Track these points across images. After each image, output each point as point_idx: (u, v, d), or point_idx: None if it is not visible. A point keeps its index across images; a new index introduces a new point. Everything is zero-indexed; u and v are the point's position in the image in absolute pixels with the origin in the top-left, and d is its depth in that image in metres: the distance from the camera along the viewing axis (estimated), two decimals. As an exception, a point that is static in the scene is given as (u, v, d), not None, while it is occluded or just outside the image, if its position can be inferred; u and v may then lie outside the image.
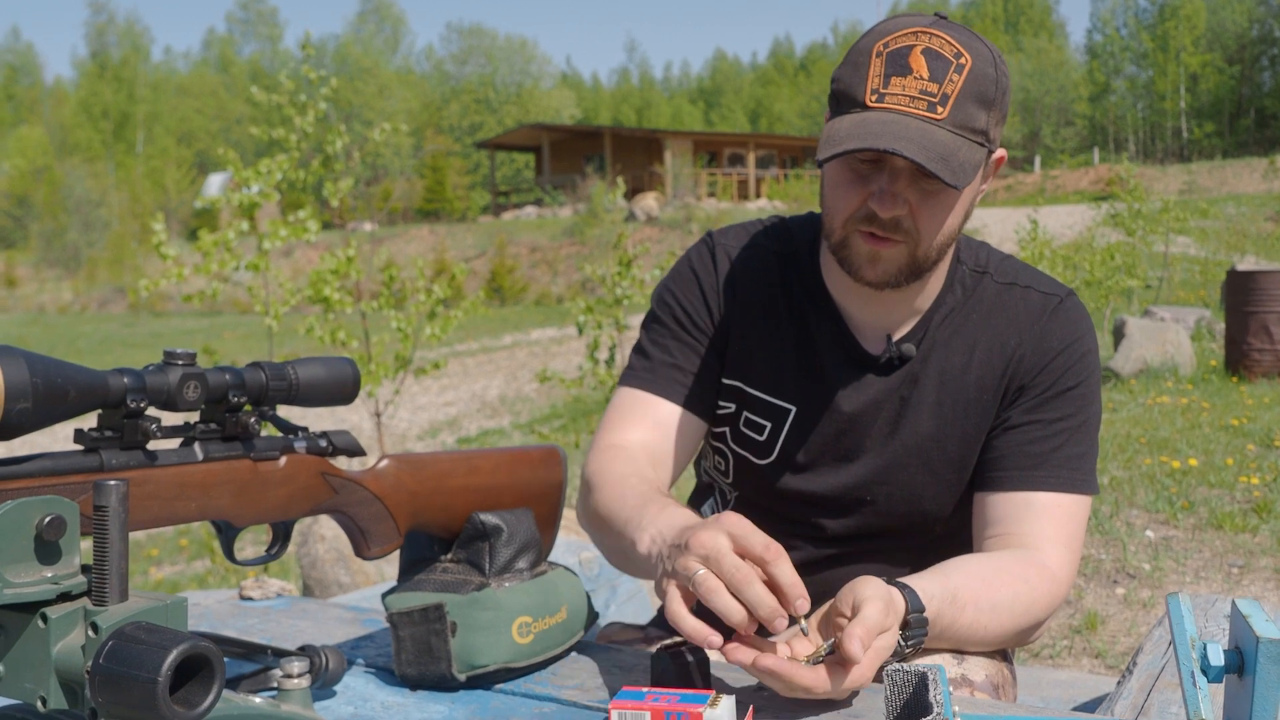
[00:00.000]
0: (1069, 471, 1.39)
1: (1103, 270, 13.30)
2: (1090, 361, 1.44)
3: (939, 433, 1.45)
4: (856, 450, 1.48)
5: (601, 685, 1.20)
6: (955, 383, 1.44)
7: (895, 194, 1.30)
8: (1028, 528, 1.36)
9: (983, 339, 1.45)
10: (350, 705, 1.18)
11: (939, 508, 1.48)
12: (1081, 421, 1.42)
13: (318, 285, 4.33)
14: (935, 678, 0.92)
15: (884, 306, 1.45)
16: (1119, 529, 4.89)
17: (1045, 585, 1.32)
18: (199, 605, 1.60)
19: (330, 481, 1.10)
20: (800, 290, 1.51)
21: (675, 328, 1.55)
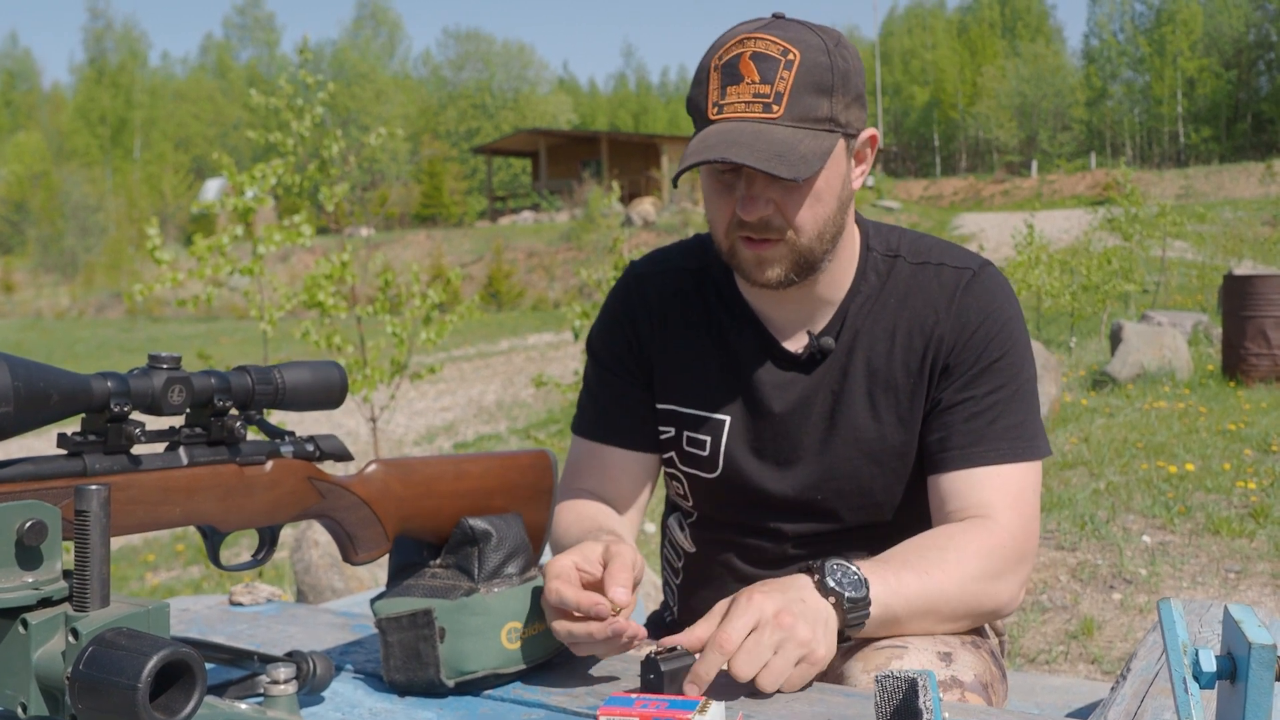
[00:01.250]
0: (1009, 442, 1.40)
1: (1099, 274, 13.30)
2: (1012, 329, 1.44)
3: (875, 423, 1.46)
4: (796, 450, 1.49)
5: (591, 691, 1.19)
6: (882, 371, 1.46)
7: (754, 197, 1.34)
8: (974, 501, 1.38)
9: (901, 323, 1.46)
10: (338, 711, 1.17)
11: (891, 497, 1.49)
12: (1014, 390, 1.42)
13: (312, 290, 4.31)
14: (925, 683, 0.91)
15: (796, 303, 1.47)
16: (1115, 534, 4.88)
17: (982, 537, 1.33)
18: (189, 611, 1.59)
19: (317, 486, 1.09)
20: (717, 302, 1.54)
21: (604, 371, 1.60)
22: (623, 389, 1.58)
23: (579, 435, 1.62)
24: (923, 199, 45.60)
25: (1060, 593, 4.25)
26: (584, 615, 1.14)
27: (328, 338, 4.56)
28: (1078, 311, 13.31)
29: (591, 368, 1.63)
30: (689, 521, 1.66)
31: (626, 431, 1.58)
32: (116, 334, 29.76)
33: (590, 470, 1.58)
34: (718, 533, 1.60)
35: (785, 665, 1.11)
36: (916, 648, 1.26)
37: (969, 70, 70.49)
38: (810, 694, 1.15)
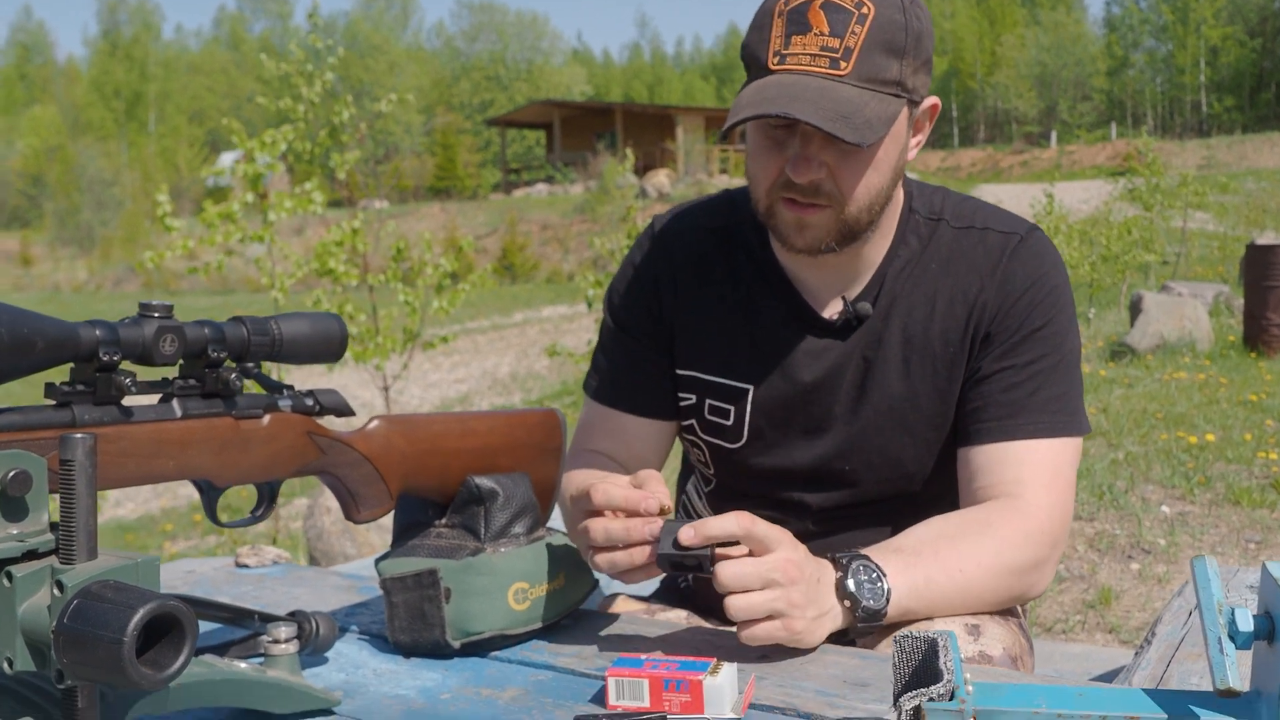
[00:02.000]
0: (1048, 415, 1.34)
1: (1119, 245, 13.17)
2: (1058, 297, 1.38)
3: (910, 391, 1.40)
4: (825, 420, 1.44)
5: (600, 653, 1.17)
6: (920, 338, 1.39)
7: (808, 158, 1.26)
8: (1006, 477, 1.32)
9: (943, 289, 1.39)
10: (342, 672, 1.14)
11: (921, 468, 1.43)
12: (1057, 361, 1.36)
13: (323, 258, 4.28)
14: (946, 644, 0.88)
15: (833, 268, 1.41)
16: (1134, 504, 4.84)
17: (1017, 522, 1.27)
18: (194, 573, 1.57)
19: (317, 442, 1.06)
20: (746, 263, 1.47)
21: (621, 333, 1.54)
22: (640, 353, 1.52)
23: (592, 398, 1.56)
24: (940, 170, 45.26)
25: (1078, 563, 4.21)
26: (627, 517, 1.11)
27: (340, 306, 4.54)
28: (1096, 282, 13.19)
29: (608, 328, 1.56)
30: (707, 489, 1.61)
31: (643, 398, 1.53)
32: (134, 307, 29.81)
33: (602, 434, 1.54)
34: (737, 502, 1.55)
35: (762, 605, 1.07)
36: (943, 621, 1.22)
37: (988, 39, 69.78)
38: (825, 656, 1.12)
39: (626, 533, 1.09)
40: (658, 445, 1.54)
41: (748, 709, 1.00)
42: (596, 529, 1.11)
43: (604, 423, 1.53)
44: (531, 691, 1.07)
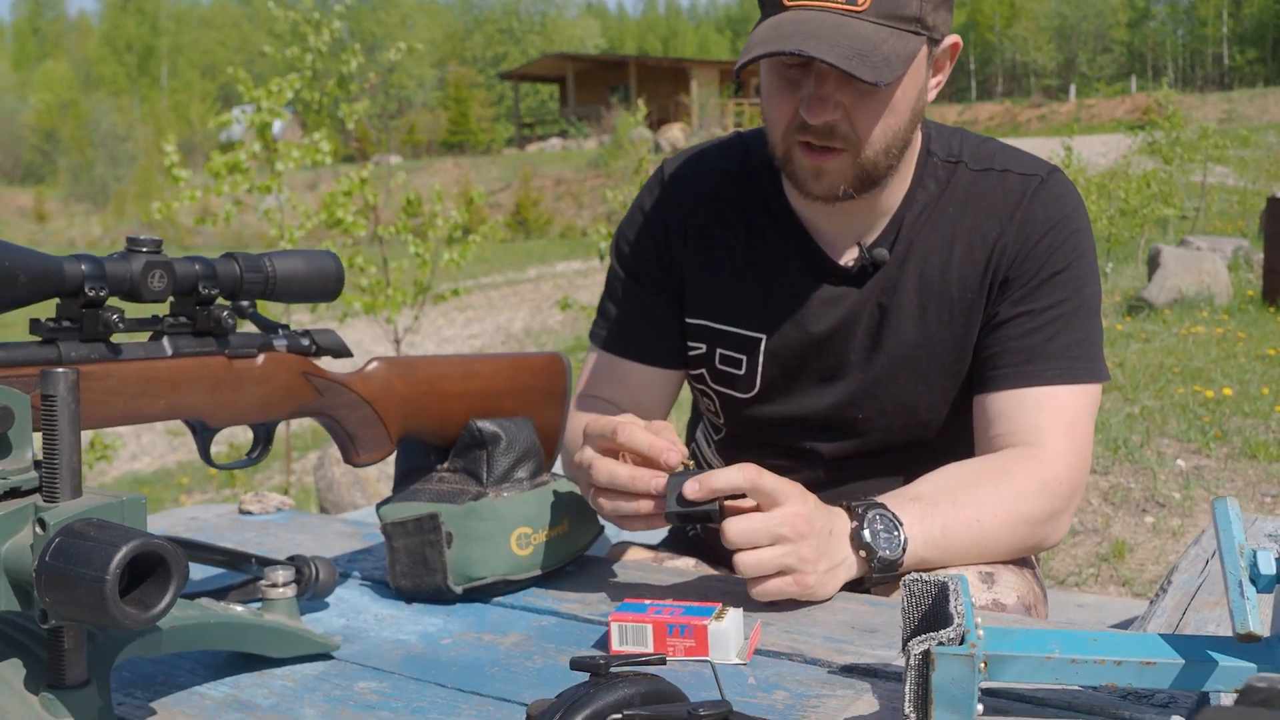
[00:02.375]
0: (1066, 361, 1.30)
1: (1138, 199, 13.01)
2: (1078, 241, 1.34)
3: (925, 338, 1.37)
4: (839, 369, 1.40)
5: (604, 599, 1.15)
6: (936, 284, 1.36)
7: (823, 98, 1.22)
8: (1024, 424, 1.28)
9: (961, 233, 1.35)
10: (343, 617, 1.13)
11: (935, 416, 1.40)
12: (1077, 306, 1.32)
13: (331, 208, 4.24)
14: (956, 588, 0.85)
15: (849, 214, 1.36)
16: (1149, 458, 4.80)
17: (1035, 471, 1.24)
18: (197, 519, 1.55)
19: (313, 382, 1.03)
20: (759, 209, 1.43)
21: (630, 279, 1.50)
22: (648, 301, 1.48)
23: (597, 346, 1.52)
24: (957, 124, 44.71)
25: (1092, 516, 4.18)
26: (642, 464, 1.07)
27: (350, 259, 4.51)
28: (1114, 236, 13.05)
29: (616, 275, 1.52)
30: (717, 438, 1.59)
31: (650, 347, 1.49)
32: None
33: (608, 383, 1.50)
34: (748, 452, 1.52)
35: (772, 561, 1.04)
36: (956, 568, 1.20)
37: (1006, -9, 68.78)
38: (834, 603, 1.10)
39: (631, 481, 1.06)
40: (664, 395, 1.51)
41: (753, 655, 0.98)
42: (601, 469, 1.08)
43: (610, 371, 1.50)
44: (534, 637, 1.05)
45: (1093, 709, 0.83)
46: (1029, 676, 0.81)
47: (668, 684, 0.67)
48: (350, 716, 0.88)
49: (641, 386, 1.49)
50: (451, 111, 55.89)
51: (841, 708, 0.86)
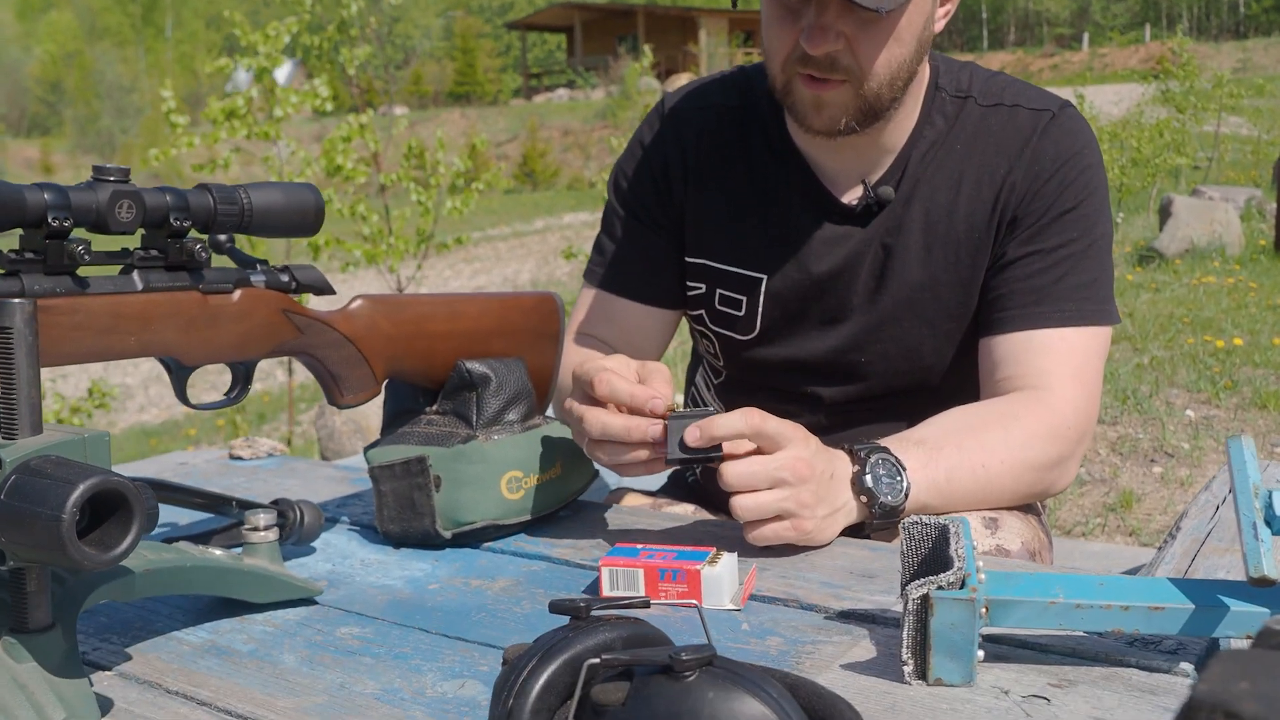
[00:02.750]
0: (1075, 303, 1.25)
1: (1150, 148, 12.86)
2: (1091, 178, 1.29)
3: (930, 280, 1.32)
4: (841, 311, 1.37)
5: (599, 544, 1.12)
6: (942, 223, 1.31)
7: (824, 27, 1.17)
8: (1031, 368, 1.24)
9: (969, 171, 1.31)
10: (329, 562, 1.10)
11: (939, 360, 1.36)
12: (1087, 245, 1.27)
13: (330, 154, 4.18)
14: (958, 530, 0.82)
15: (854, 151, 1.32)
16: (1158, 408, 4.76)
17: (1043, 416, 1.20)
18: (186, 465, 1.53)
19: (293, 320, 1.00)
20: (761, 145, 1.38)
21: (628, 216, 1.45)
22: (647, 239, 1.44)
23: (592, 285, 1.48)
24: (968, 74, 44.17)
25: (1099, 466, 4.15)
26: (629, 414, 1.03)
27: (351, 207, 4.46)
28: (1126, 186, 12.92)
29: (613, 211, 1.47)
30: (717, 382, 1.55)
31: (647, 286, 1.45)
32: (154, 214, 29.78)
33: (602, 322, 1.46)
34: (748, 396, 1.49)
35: (770, 504, 1.01)
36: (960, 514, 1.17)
37: (1020, -63, 67.66)
38: (833, 548, 1.07)
39: (626, 431, 1.01)
40: (660, 336, 1.47)
41: (747, 600, 0.95)
42: (593, 422, 1.03)
43: (604, 310, 1.46)
44: (523, 582, 1.02)
45: (1098, 655, 0.80)
46: (1032, 622, 0.77)
47: (651, 628, 0.64)
48: (330, 662, 0.86)
49: (636, 326, 1.45)
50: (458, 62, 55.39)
51: (837, 654, 0.83)
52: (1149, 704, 0.73)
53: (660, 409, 1.01)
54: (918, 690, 0.76)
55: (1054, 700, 0.74)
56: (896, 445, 1.12)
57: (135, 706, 0.79)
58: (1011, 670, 0.78)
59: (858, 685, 0.78)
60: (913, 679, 0.77)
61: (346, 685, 0.82)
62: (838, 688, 0.77)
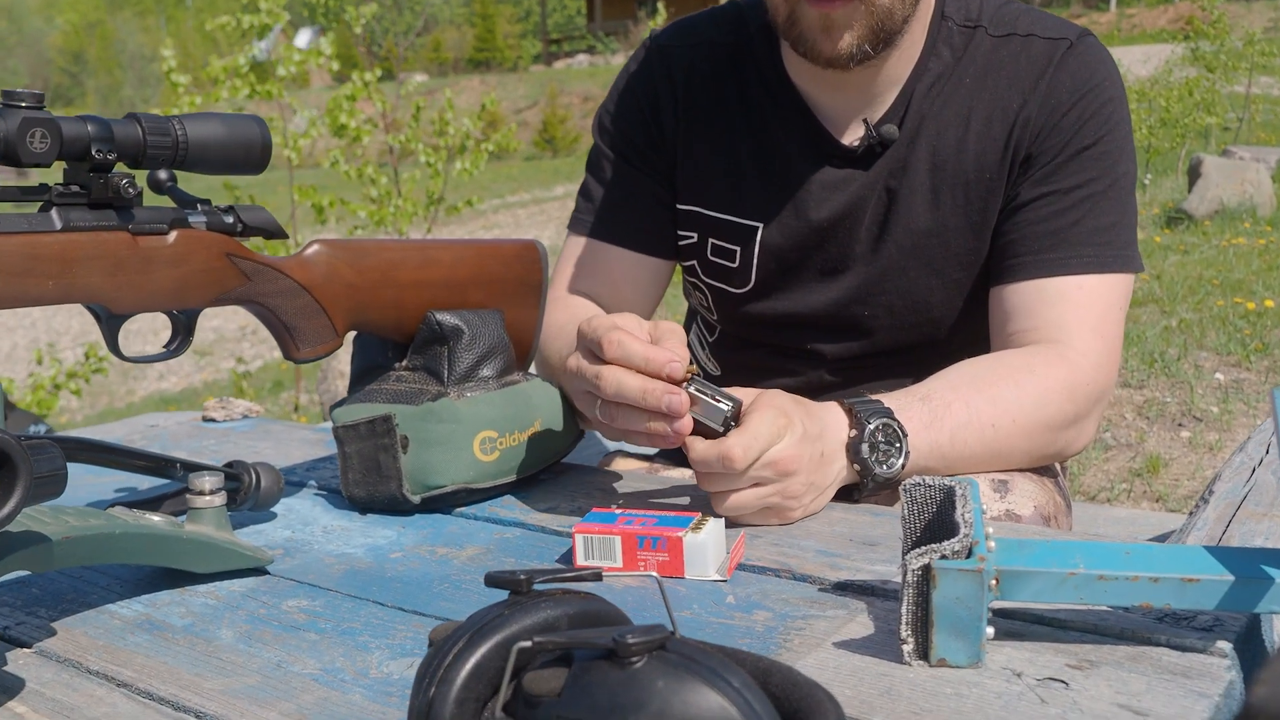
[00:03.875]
0: (1094, 248, 1.15)
1: (1180, 107, 12.57)
2: (1112, 112, 1.18)
3: (938, 225, 1.22)
4: (843, 260, 1.27)
5: (579, 509, 1.03)
6: (950, 163, 1.21)
7: None
8: (1046, 319, 1.14)
9: (979, 106, 1.20)
10: (288, 529, 1.02)
11: (948, 313, 1.26)
12: (1107, 185, 1.17)
13: (334, 113, 4.09)
14: (965, 492, 0.73)
15: (857, 87, 1.22)
16: (1186, 371, 4.63)
17: (1061, 372, 1.10)
18: (157, 427, 1.45)
19: (239, 265, 0.91)
20: (757, 84, 1.28)
21: (616, 158, 1.35)
22: (636, 183, 1.34)
23: (578, 233, 1.37)
24: (993, 36, 43.48)
25: (1125, 430, 4.04)
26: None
27: (359, 171, 4.37)
28: (1154, 147, 12.64)
29: (600, 153, 1.37)
30: (711, 340, 1.46)
31: (638, 232, 1.34)
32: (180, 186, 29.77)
33: (588, 272, 1.36)
34: (745, 354, 1.40)
35: (751, 503, 0.93)
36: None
37: (1047, -104, 66.55)
38: (831, 513, 0.98)
39: (643, 395, 0.89)
40: (651, 288, 1.37)
41: (735, 570, 0.86)
42: (610, 381, 0.90)
43: (590, 260, 1.35)
44: (493, 550, 0.94)
45: (1123, 633, 0.71)
46: (1049, 596, 0.68)
47: (607, 605, 0.55)
48: (270, 638, 0.78)
49: (627, 278, 1.35)
50: (478, 28, 55.00)
51: (830, 630, 0.75)
52: (1181, 688, 0.64)
53: (678, 373, 0.90)
54: (918, 672, 0.67)
55: (1073, 684, 0.65)
56: (900, 403, 1.02)
57: (47, 689, 0.72)
58: (1025, 650, 0.70)
59: (851, 666, 0.69)
60: (913, 659, 0.68)
61: (284, 664, 0.74)
62: (829, 668, 0.69)
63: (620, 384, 0.90)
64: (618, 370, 0.90)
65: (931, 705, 0.64)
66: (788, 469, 0.91)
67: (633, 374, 0.90)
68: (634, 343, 0.90)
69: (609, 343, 0.90)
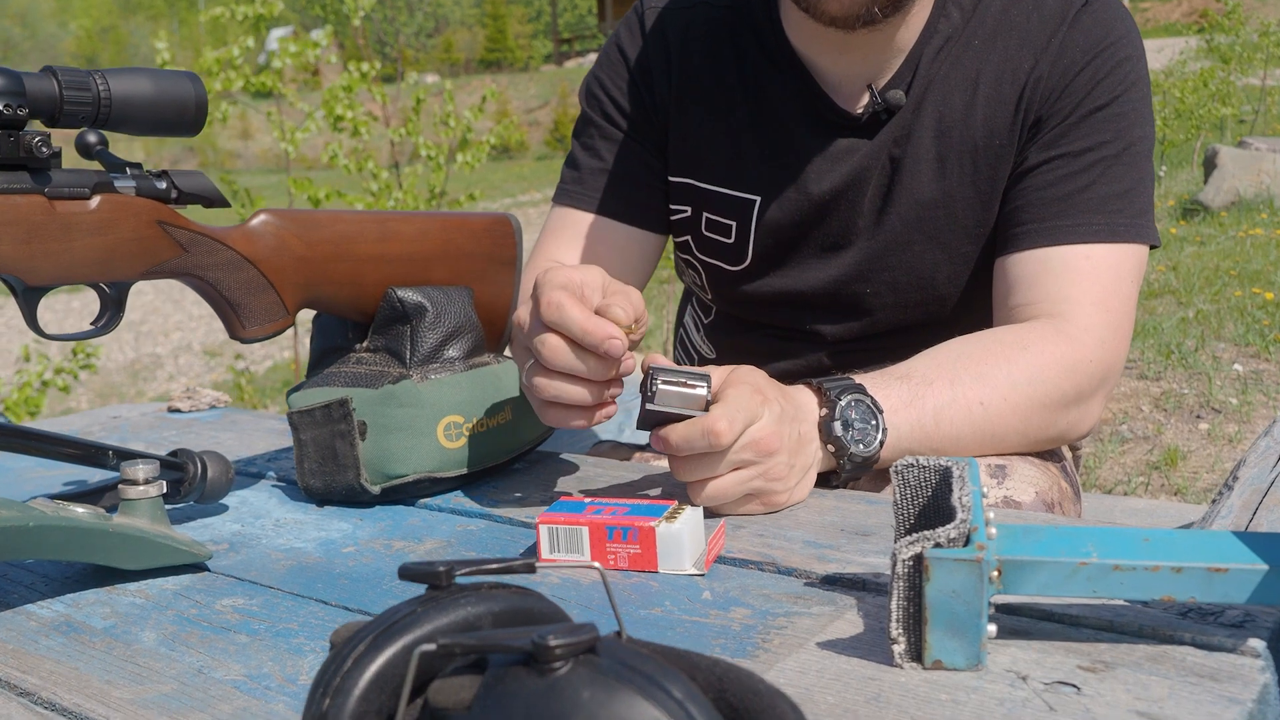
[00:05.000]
0: (1105, 216, 1.06)
1: (1194, 98, 12.43)
2: (1129, 71, 1.10)
3: (944, 196, 1.14)
4: (844, 235, 1.19)
5: (551, 499, 0.96)
6: (957, 129, 1.13)
7: None
8: (1049, 291, 1.05)
9: (988, 69, 1.12)
10: (237, 523, 0.95)
11: (955, 289, 1.18)
12: (1121, 149, 1.08)
13: (330, 104, 4.02)
14: (963, 474, 0.65)
15: (861, 51, 1.14)
16: (1204, 363, 4.53)
17: (1061, 347, 1.01)
18: (120, 418, 1.38)
19: (173, 235, 0.84)
20: (755, 49, 1.20)
21: (605, 124, 1.26)
22: (626, 151, 1.26)
23: (562, 204, 1.29)
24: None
25: (1142, 423, 3.94)
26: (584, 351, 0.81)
27: (360, 163, 4.30)
28: (1169, 139, 12.50)
29: (587, 121, 1.29)
30: (706, 321, 1.38)
31: (626, 203, 1.26)
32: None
33: (572, 246, 1.27)
34: (741, 336, 1.32)
35: (732, 489, 0.85)
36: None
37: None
38: (823, 501, 0.90)
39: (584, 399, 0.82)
40: (640, 264, 1.28)
41: (713, 563, 0.79)
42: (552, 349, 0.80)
43: (575, 232, 1.27)
44: (453, 544, 0.87)
45: (1142, 630, 0.63)
46: (1058, 589, 0.61)
47: (541, 600, 0.48)
48: (195, 640, 0.70)
49: (614, 251, 1.26)
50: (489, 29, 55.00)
51: (815, 629, 0.67)
52: (1208, 692, 0.56)
53: (617, 351, 0.80)
54: (910, 676, 0.60)
55: (1085, 688, 0.57)
56: (876, 382, 0.95)
57: (-60, 697, 0.65)
58: (1031, 650, 0.62)
59: (835, 669, 0.61)
60: (905, 661, 0.61)
61: (205, 670, 0.66)
62: (810, 672, 0.61)
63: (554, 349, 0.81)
64: (554, 339, 0.81)
65: (925, 713, 0.56)
66: (769, 448, 0.84)
67: (566, 345, 0.81)
68: (571, 306, 0.80)
69: (546, 304, 0.80)
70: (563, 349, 0.81)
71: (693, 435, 0.82)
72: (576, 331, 0.80)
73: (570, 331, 0.81)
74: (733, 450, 0.83)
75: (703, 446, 0.81)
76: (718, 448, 0.81)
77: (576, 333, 0.80)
